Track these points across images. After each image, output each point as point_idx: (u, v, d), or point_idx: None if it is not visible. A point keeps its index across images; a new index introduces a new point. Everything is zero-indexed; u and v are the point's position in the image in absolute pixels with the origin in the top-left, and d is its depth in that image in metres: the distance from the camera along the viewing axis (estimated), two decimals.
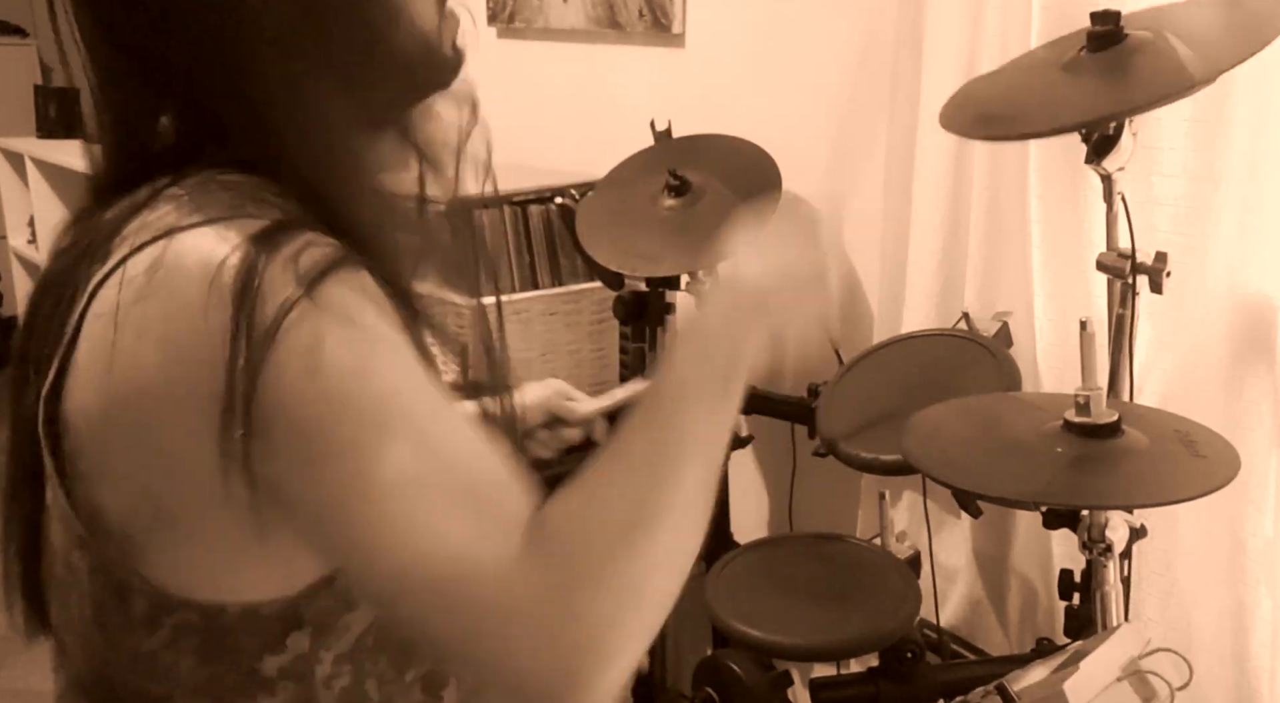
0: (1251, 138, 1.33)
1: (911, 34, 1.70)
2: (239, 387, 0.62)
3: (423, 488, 0.65)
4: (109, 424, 0.68)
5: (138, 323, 0.66)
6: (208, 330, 0.63)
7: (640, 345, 2.00)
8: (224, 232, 0.65)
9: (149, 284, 0.65)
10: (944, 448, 1.22)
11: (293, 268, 0.63)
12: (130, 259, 0.67)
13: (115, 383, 0.66)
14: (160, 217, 0.68)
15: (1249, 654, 1.41)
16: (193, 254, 0.65)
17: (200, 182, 0.70)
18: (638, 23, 2.23)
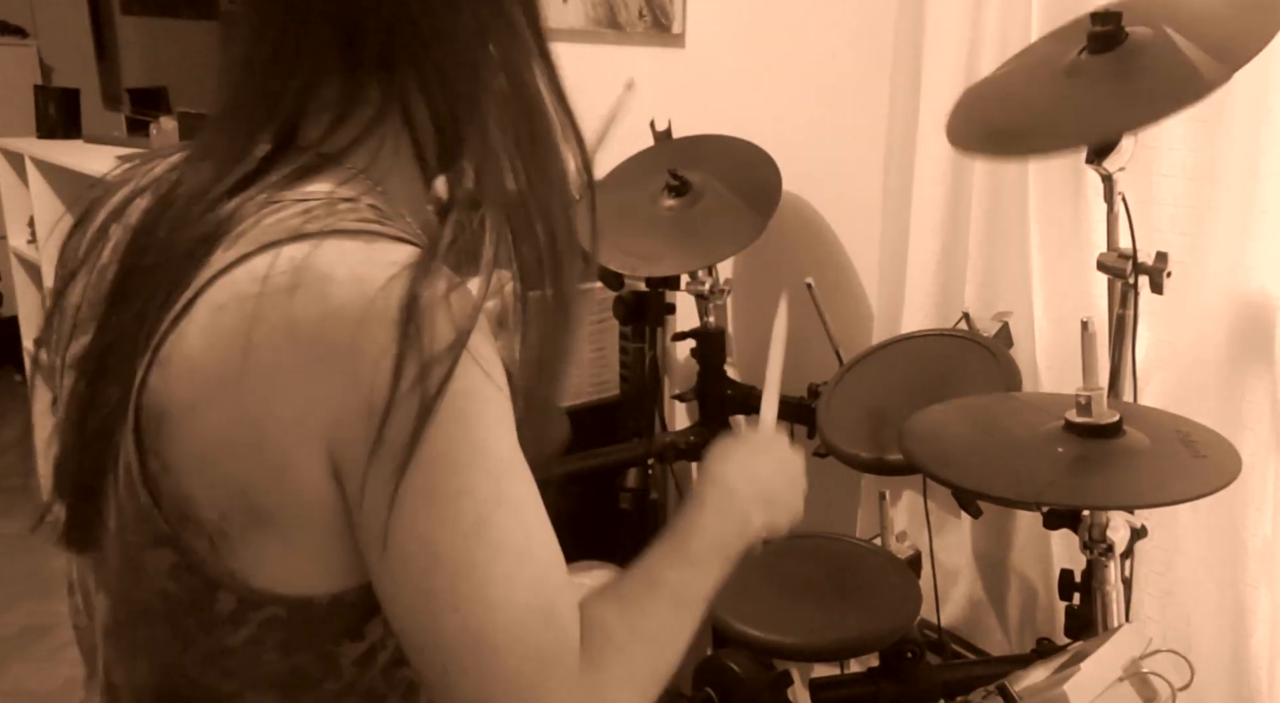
0: (1251, 137, 1.33)
1: (911, 33, 1.70)
2: (407, 422, 0.65)
3: (517, 557, 0.69)
4: (223, 415, 0.68)
5: (283, 318, 0.66)
6: (359, 348, 0.65)
7: (640, 345, 2.01)
8: (369, 250, 0.68)
9: (295, 282, 0.66)
10: (944, 448, 1.22)
11: (447, 309, 0.67)
12: (260, 255, 0.68)
13: (243, 376, 0.67)
14: (288, 219, 0.69)
15: (1249, 654, 1.41)
16: (341, 268, 0.66)
17: (329, 191, 0.72)
18: (638, 23, 2.23)
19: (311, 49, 0.74)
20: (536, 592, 0.70)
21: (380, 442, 0.65)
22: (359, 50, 0.73)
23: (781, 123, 1.97)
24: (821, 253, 1.99)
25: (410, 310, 0.65)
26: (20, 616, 2.72)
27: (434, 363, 0.65)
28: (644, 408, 2.03)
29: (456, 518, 0.67)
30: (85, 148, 3.29)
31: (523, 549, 0.69)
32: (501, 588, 0.68)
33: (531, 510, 0.71)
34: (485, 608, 0.67)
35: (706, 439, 1.91)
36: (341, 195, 0.72)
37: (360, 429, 0.66)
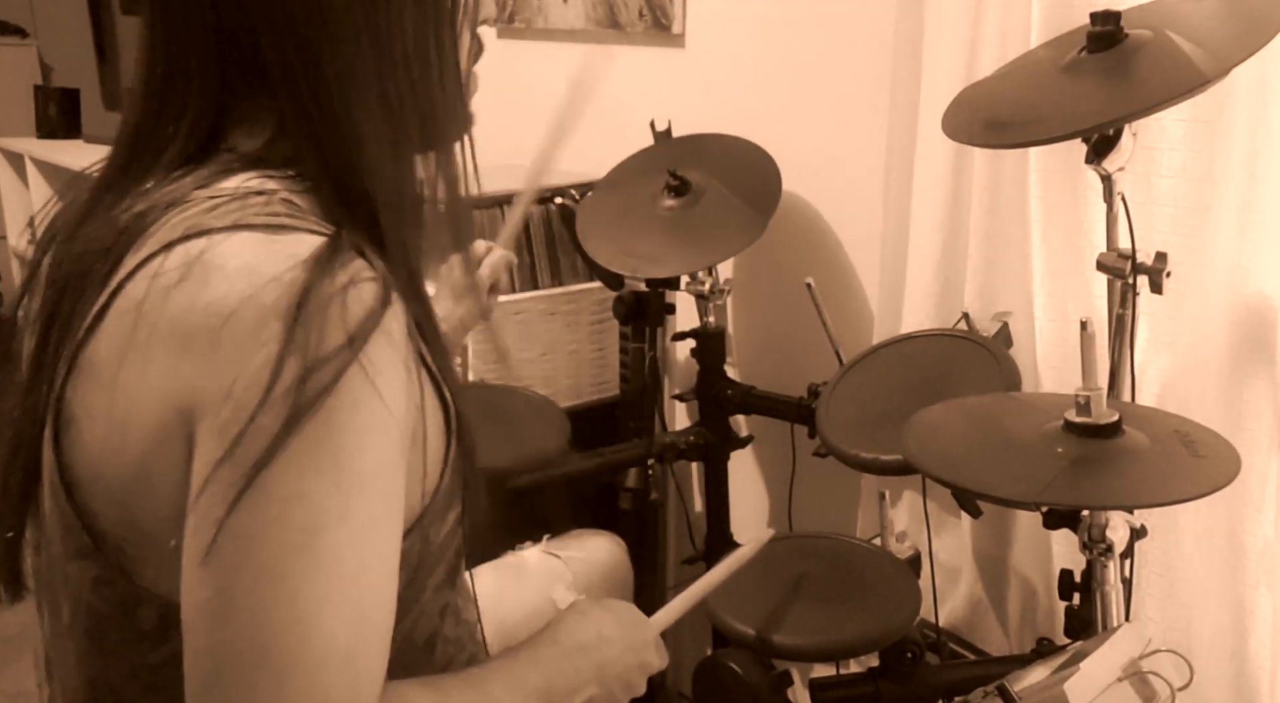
0: (1251, 138, 1.33)
1: (911, 34, 1.70)
2: (272, 423, 0.60)
3: (339, 583, 0.62)
4: (103, 422, 0.66)
5: (161, 318, 0.64)
6: (227, 337, 0.62)
7: (640, 345, 2.01)
8: (269, 242, 0.65)
9: (181, 279, 0.64)
10: (944, 448, 1.22)
11: (341, 308, 0.63)
12: (160, 255, 0.66)
13: (123, 380, 0.65)
14: (194, 215, 0.67)
15: (1249, 655, 1.41)
16: (235, 259, 0.64)
17: (237, 186, 0.69)
18: (638, 23, 2.23)
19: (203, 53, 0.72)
20: (347, 630, 0.62)
21: (238, 438, 0.61)
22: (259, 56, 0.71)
23: (781, 123, 1.97)
24: (821, 253, 1.99)
25: (300, 306, 0.62)
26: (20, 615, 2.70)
27: (317, 367, 0.61)
28: (644, 408, 2.03)
29: (283, 520, 0.61)
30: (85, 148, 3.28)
31: (348, 577, 0.62)
32: (308, 609, 0.61)
33: (377, 544, 0.65)
34: (282, 625, 0.61)
35: (706, 439, 1.91)
36: (254, 189, 0.69)
37: (215, 419, 0.62)
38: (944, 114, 1.35)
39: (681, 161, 1.83)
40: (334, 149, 0.72)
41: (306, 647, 0.61)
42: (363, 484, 0.63)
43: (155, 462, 0.64)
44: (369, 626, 0.64)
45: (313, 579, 0.61)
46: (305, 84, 0.71)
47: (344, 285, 0.64)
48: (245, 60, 0.71)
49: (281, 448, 0.61)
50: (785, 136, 1.90)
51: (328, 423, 0.62)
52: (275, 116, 0.73)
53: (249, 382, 0.61)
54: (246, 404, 0.61)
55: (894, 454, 1.37)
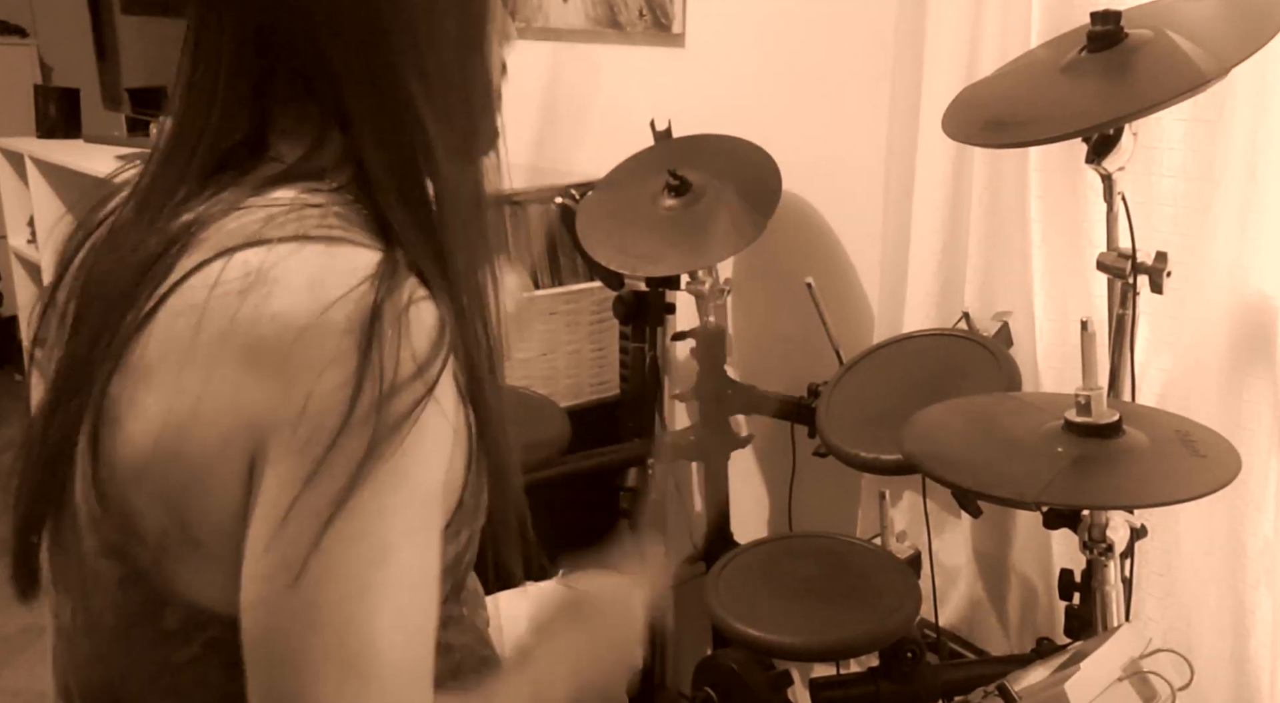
0: (1251, 138, 1.33)
1: (911, 34, 1.70)
2: (355, 450, 0.62)
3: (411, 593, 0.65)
4: (155, 423, 0.66)
5: (222, 323, 0.64)
6: (298, 355, 0.63)
7: (640, 345, 2.01)
8: (329, 255, 0.65)
9: (245, 287, 0.64)
10: (944, 448, 1.22)
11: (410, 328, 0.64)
12: (216, 261, 0.66)
13: (185, 385, 0.65)
14: (249, 225, 0.67)
15: (1249, 655, 1.41)
16: (299, 273, 0.64)
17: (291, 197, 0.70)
18: (638, 23, 2.23)
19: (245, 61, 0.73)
20: (416, 640, 0.66)
21: (323, 458, 0.62)
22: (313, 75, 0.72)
23: (781, 123, 1.97)
24: (821, 253, 1.99)
25: (372, 327, 0.63)
26: (20, 615, 2.71)
27: (394, 393, 0.63)
28: (644, 408, 2.03)
29: (365, 537, 0.63)
30: (85, 148, 3.28)
31: (416, 589, 0.66)
32: (387, 622, 0.64)
33: (432, 556, 0.68)
34: (365, 637, 0.63)
35: (706, 439, 1.91)
36: (307, 201, 0.70)
37: (284, 436, 0.63)
38: (944, 114, 1.35)
39: (681, 161, 1.83)
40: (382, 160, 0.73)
41: (380, 658, 0.64)
42: (427, 500, 0.66)
43: (215, 470, 0.65)
44: (427, 635, 0.67)
45: (391, 593, 0.64)
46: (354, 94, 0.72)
47: (407, 304, 0.65)
48: (289, 67, 0.72)
49: (369, 471, 0.62)
50: (785, 136, 1.90)
51: (402, 443, 0.64)
52: (317, 127, 0.73)
53: (324, 401, 0.62)
54: (325, 424, 0.62)
55: (894, 454, 1.37)
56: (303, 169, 0.72)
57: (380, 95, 0.72)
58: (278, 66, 0.72)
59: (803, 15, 1.94)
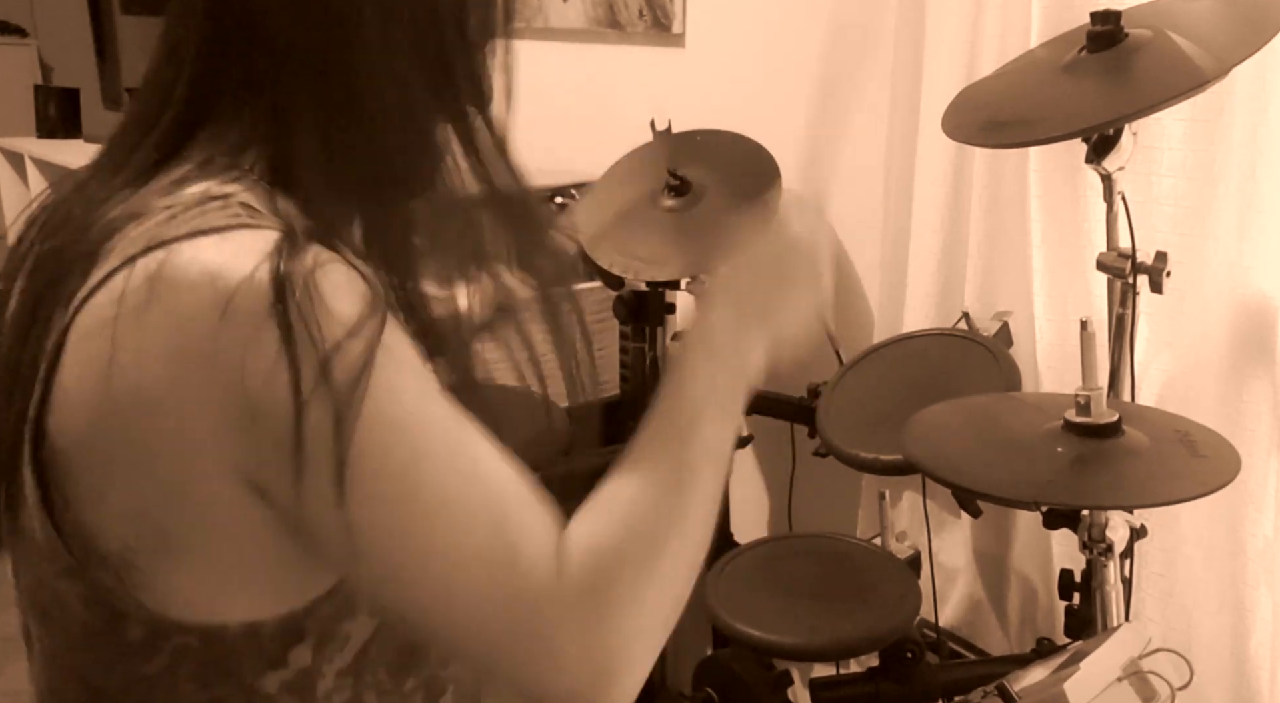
0: (1250, 138, 1.33)
1: (911, 34, 1.70)
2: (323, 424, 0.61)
3: (466, 510, 0.66)
4: (107, 446, 0.65)
5: (139, 338, 0.63)
6: (221, 350, 0.61)
7: (640, 345, 2.00)
8: (224, 242, 0.64)
9: (149, 297, 0.63)
10: (944, 448, 1.22)
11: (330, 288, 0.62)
12: (120, 272, 0.65)
13: (115, 403, 0.64)
14: (151, 228, 0.66)
15: (1249, 654, 1.41)
16: (194, 265, 0.63)
17: (196, 193, 0.68)
18: (638, 23, 2.23)
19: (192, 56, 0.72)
20: (497, 536, 0.67)
21: (301, 447, 0.61)
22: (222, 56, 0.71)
23: (782, 123, 1.97)
24: None
25: (282, 297, 0.61)
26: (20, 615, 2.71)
27: (335, 354, 0.61)
28: (644, 408, 2.02)
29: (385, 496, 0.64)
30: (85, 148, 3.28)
31: (464, 493, 0.66)
32: (451, 547, 0.66)
33: (461, 445, 0.68)
34: (445, 562, 0.66)
35: None
36: (214, 194, 0.68)
37: (248, 434, 0.62)
38: (944, 114, 1.35)
39: (681, 162, 1.83)
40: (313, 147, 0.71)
41: (468, 575, 0.66)
42: (414, 422, 0.66)
43: (188, 477, 0.64)
44: (511, 518, 0.68)
45: (440, 520, 0.65)
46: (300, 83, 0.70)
47: (311, 268, 0.63)
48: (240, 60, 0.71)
49: (348, 439, 0.62)
50: (785, 137, 1.90)
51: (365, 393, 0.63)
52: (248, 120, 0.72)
53: (264, 392, 0.61)
54: (279, 414, 0.61)
55: (894, 454, 1.37)
56: (230, 162, 0.71)
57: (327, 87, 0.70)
58: (231, 59, 0.71)
59: (803, 15, 1.94)
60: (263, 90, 0.71)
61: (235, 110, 0.72)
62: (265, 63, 0.70)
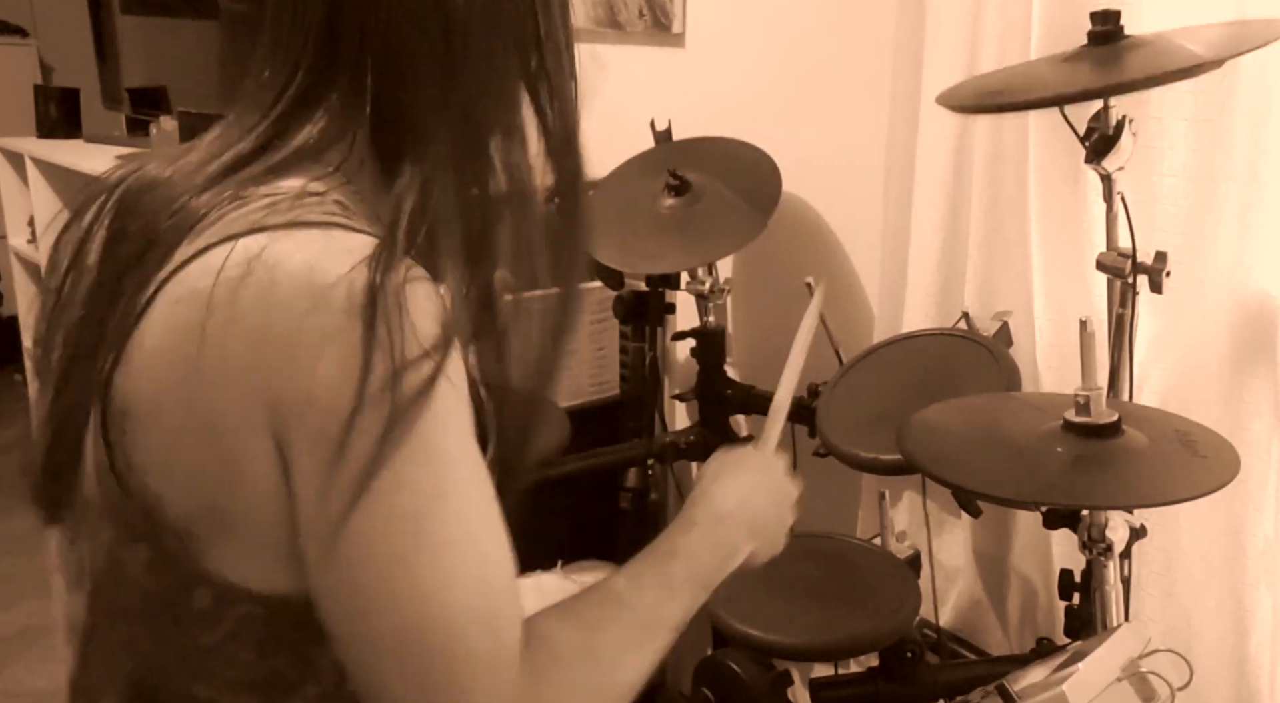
0: (1252, 138, 1.33)
1: (911, 35, 1.70)
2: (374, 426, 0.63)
3: (457, 554, 0.67)
4: (178, 412, 0.67)
5: (229, 312, 0.65)
6: (301, 337, 0.64)
7: (640, 345, 2.01)
8: (325, 239, 0.67)
9: (247, 275, 0.65)
10: (944, 448, 1.22)
11: (415, 304, 0.65)
12: (218, 248, 0.67)
13: (194, 371, 0.66)
14: (253, 212, 0.69)
15: (1249, 655, 1.41)
16: (296, 255, 0.65)
17: (294, 186, 0.71)
18: (638, 23, 2.23)
19: (291, 51, 0.74)
20: (477, 593, 0.67)
21: (341, 443, 0.63)
22: (333, 55, 0.73)
23: (781, 122, 1.97)
24: (821, 253, 1.99)
25: (374, 303, 0.64)
26: (21, 615, 2.72)
27: (408, 368, 0.64)
28: (644, 408, 2.03)
29: (392, 511, 0.65)
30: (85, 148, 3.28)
31: (463, 547, 0.67)
32: (436, 585, 0.66)
33: (478, 508, 0.69)
34: (418, 605, 0.65)
35: (706, 439, 1.91)
36: (310, 190, 0.71)
37: (299, 420, 0.64)
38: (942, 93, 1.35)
39: (681, 162, 1.83)
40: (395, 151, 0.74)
41: (445, 622, 0.66)
42: (452, 462, 0.67)
43: (244, 453, 0.66)
44: (493, 586, 0.68)
45: (431, 559, 0.66)
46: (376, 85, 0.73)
47: (403, 282, 0.65)
48: (345, 65, 0.73)
49: (389, 450, 0.63)
50: (785, 136, 1.90)
51: (419, 418, 0.65)
52: (344, 120, 0.74)
53: (329, 382, 0.63)
54: (334, 406, 0.63)
55: (894, 454, 1.37)
56: (316, 159, 0.74)
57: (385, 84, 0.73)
58: (337, 64, 0.73)
59: (803, 15, 1.94)
60: (368, 93, 0.73)
61: (339, 112, 0.74)
62: (376, 69, 0.73)
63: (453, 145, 0.75)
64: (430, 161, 0.74)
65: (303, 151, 0.74)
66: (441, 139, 0.74)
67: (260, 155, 0.74)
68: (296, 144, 0.74)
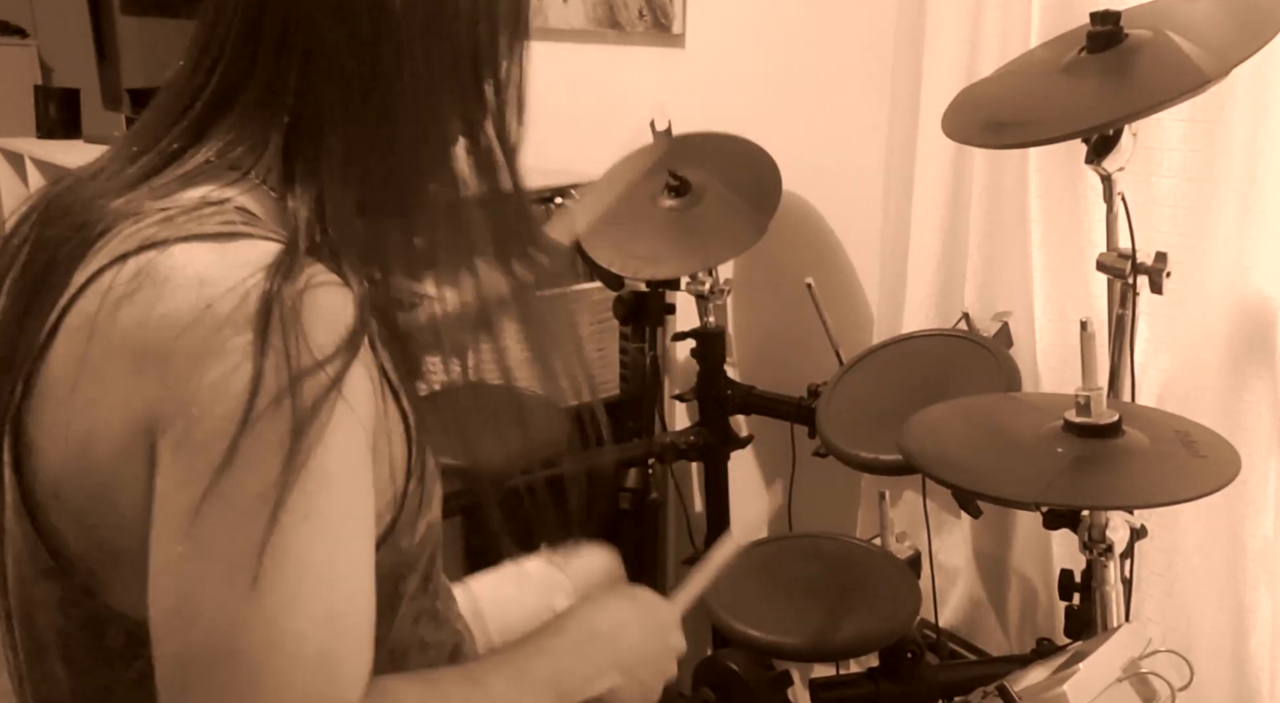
0: (1251, 138, 1.33)
1: (911, 34, 1.70)
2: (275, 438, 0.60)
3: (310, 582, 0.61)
4: (63, 443, 0.65)
5: (114, 333, 0.63)
6: (181, 349, 0.61)
7: (640, 345, 2.01)
8: (220, 250, 0.64)
9: (133, 294, 0.63)
10: (944, 448, 1.22)
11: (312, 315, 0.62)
12: (109, 269, 0.65)
13: (81, 399, 0.64)
14: (146, 228, 0.66)
15: (1249, 655, 1.41)
16: (186, 269, 0.63)
17: (193, 197, 0.68)
18: (638, 23, 2.23)
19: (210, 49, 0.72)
20: (318, 629, 0.61)
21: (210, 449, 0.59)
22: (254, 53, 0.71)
23: (782, 123, 1.97)
24: (821, 253, 1.99)
25: (267, 312, 0.61)
26: None
27: (305, 376, 0.60)
28: (644, 408, 2.03)
29: (247, 519, 0.59)
30: (85, 148, 3.28)
31: (318, 574, 0.61)
32: (276, 609, 0.59)
33: (346, 542, 0.64)
34: (249, 626, 0.59)
35: (706, 439, 1.91)
36: (210, 199, 0.68)
37: (170, 429, 0.61)
38: (944, 114, 1.35)
39: (681, 162, 1.83)
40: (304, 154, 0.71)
41: (276, 648, 0.60)
42: (328, 483, 0.62)
43: (118, 479, 0.63)
44: (342, 624, 0.63)
45: (278, 580, 0.60)
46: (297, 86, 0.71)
47: (302, 290, 0.62)
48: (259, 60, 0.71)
49: (262, 459, 0.59)
50: (785, 137, 1.90)
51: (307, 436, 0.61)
52: (255, 118, 0.72)
53: (213, 393, 0.60)
54: (214, 415, 0.60)
55: (894, 454, 1.37)
56: (226, 164, 0.71)
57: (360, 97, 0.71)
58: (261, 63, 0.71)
59: (803, 15, 1.94)
60: (289, 95, 0.70)
61: (256, 113, 0.72)
62: (298, 69, 0.70)
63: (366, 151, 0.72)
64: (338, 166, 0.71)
65: (213, 157, 0.71)
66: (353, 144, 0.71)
67: (170, 163, 0.72)
68: (206, 149, 0.72)
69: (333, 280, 0.65)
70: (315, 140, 0.71)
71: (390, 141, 0.72)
